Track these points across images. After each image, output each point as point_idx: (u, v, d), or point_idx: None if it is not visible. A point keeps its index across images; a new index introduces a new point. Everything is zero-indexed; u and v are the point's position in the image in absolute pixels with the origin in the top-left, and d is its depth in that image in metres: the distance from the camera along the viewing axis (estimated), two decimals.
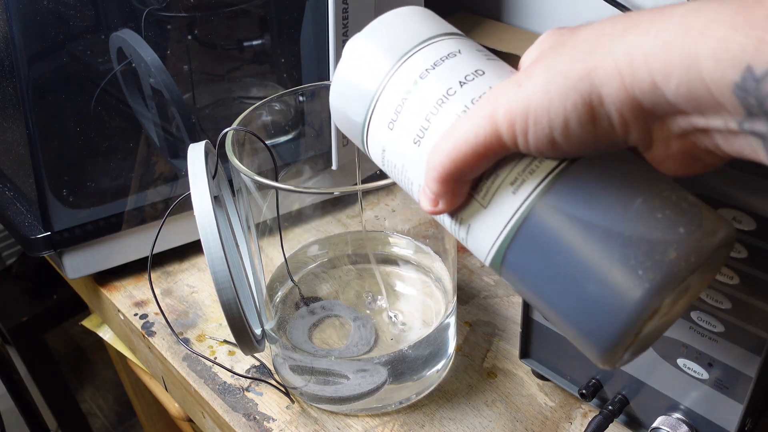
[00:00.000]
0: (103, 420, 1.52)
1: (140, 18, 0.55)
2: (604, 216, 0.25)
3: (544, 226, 0.26)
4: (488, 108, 0.25)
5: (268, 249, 0.50)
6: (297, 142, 0.60)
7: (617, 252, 0.25)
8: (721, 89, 0.20)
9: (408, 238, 0.53)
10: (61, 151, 0.55)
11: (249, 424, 0.47)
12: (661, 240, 0.24)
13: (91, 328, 0.73)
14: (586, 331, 0.26)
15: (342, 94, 0.33)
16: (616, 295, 0.25)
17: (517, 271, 0.28)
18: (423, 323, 0.49)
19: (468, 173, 0.27)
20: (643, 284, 0.24)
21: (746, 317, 0.34)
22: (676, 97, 0.22)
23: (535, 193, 0.26)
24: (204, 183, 0.39)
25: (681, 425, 0.39)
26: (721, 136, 0.22)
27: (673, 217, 0.25)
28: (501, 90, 0.25)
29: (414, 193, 0.31)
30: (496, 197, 0.27)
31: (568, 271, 0.26)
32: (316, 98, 0.54)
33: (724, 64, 0.20)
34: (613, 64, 0.22)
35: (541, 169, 0.26)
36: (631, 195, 0.25)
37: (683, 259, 0.24)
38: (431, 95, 0.29)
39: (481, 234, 0.28)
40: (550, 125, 0.24)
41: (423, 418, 0.47)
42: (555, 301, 0.27)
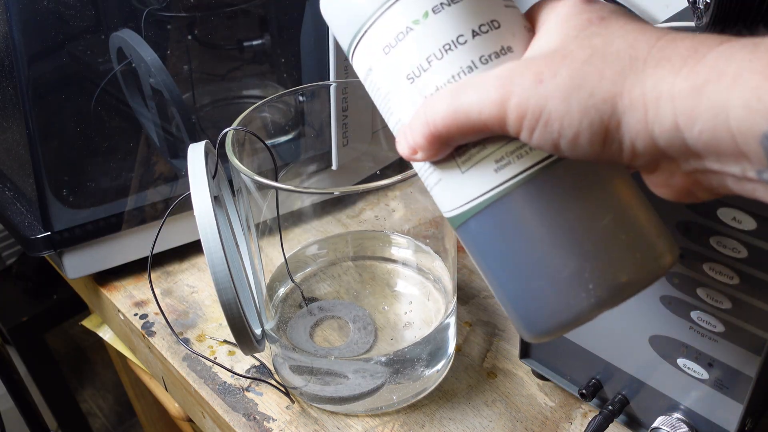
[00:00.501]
0: (103, 420, 1.52)
1: (140, 18, 0.55)
2: (574, 223, 0.26)
3: (515, 212, 0.27)
4: (501, 90, 0.25)
5: (268, 249, 0.50)
6: (297, 142, 0.60)
7: (575, 261, 0.26)
8: (746, 139, 0.20)
9: (408, 238, 0.53)
10: (61, 151, 0.55)
11: (249, 424, 0.47)
12: (616, 261, 0.25)
13: (91, 328, 0.73)
14: (521, 315, 0.27)
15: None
16: (561, 299, 0.26)
17: (474, 239, 0.28)
18: (423, 323, 0.49)
19: (458, 141, 0.27)
20: (589, 299, 0.25)
21: (746, 317, 0.34)
22: (697, 142, 0.21)
23: (518, 178, 0.26)
24: (204, 183, 0.39)
25: (681, 425, 0.39)
26: (734, 180, 0.22)
27: (634, 241, 0.26)
28: (518, 75, 0.24)
29: (391, 124, 0.30)
30: (476, 167, 0.27)
31: (525, 260, 0.27)
32: (316, 98, 0.54)
33: (755, 114, 0.20)
34: (640, 95, 0.22)
35: (530, 157, 0.26)
36: (604, 210, 0.26)
37: (632, 284, 0.26)
38: (439, 37, 0.27)
39: (449, 192, 0.29)
40: (560, 132, 0.24)
41: (423, 418, 0.47)
42: (502, 279, 0.28)
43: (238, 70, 0.66)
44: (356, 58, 0.30)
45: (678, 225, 0.34)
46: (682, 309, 0.36)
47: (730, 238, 0.32)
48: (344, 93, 0.52)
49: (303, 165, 0.60)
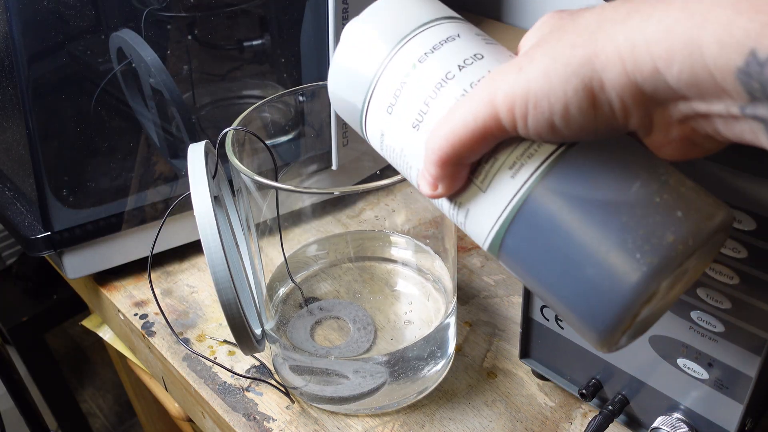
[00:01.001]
0: (103, 420, 1.52)
1: (140, 18, 0.55)
2: (602, 200, 0.25)
3: (542, 210, 0.26)
4: (487, 91, 0.25)
5: (268, 249, 0.50)
6: (297, 142, 0.60)
7: (615, 235, 0.25)
8: (723, 74, 0.20)
9: (408, 238, 0.53)
10: (61, 151, 0.55)
11: (249, 424, 0.47)
12: (658, 224, 0.24)
13: (91, 328, 0.73)
14: (584, 314, 0.26)
15: (341, 79, 0.33)
16: (613, 279, 0.25)
17: (516, 255, 0.28)
18: (423, 323, 0.49)
19: (467, 157, 0.27)
20: (640, 267, 0.24)
21: (746, 317, 0.34)
22: (678, 83, 0.22)
23: (534, 177, 0.26)
24: (204, 183, 0.39)
25: (681, 425, 0.39)
26: (722, 121, 0.22)
27: (671, 201, 0.25)
28: (501, 73, 0.25)
29: (412, 178, 0.31)
30: (494, 181, 0.27)
31: (567, 254, 0.26)
32: (316, 98, 0.54)
33: (727, 48, 0.20)
34: (614, 50, 0.22)
35: (540, 153, 0.26)
36: (629, 179, 0.25)
37: (681, 242, 0.24)
38: (430, 79, 0.29)
39: (479, 218, 0.28)
40: (550, 110, 0.24)
41: (423, 418, 0.47)
42: (553, 285, 0.27)
43: (238, 70, 0.66)
44: (368, 131, 0.32)
45: None
46: (682, 309, 0.36)
47: (730, 238, 0.32)
48: None
49: (303, 165, 0.60)
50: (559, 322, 0.43)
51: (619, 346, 0.27)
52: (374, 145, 0.33)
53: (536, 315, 0.44)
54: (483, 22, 0.94)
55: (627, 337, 0.27)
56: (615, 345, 0.27)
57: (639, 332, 0.28)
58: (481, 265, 0.59)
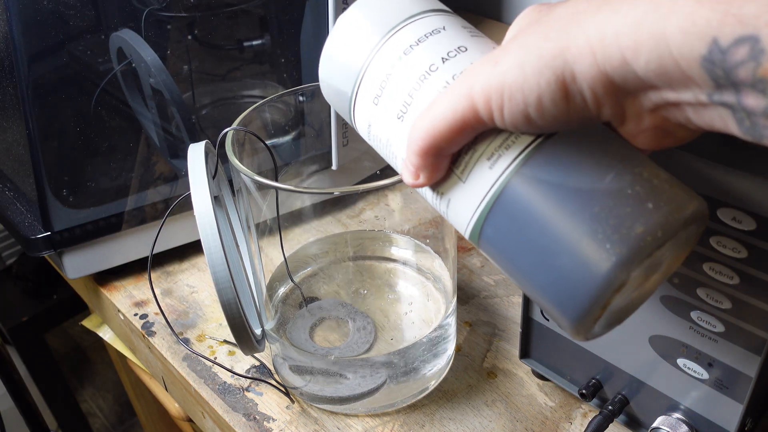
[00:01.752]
0: (103, 420, 1.52)
1: (140, 18, 0.55)
2: (576, 190, 0.26)
3: (518, 200, 0.27)
4: (466, 84, 0.26)
5: (268, 249, 0.50)
6: (297, 142, 0.60)
7: (586, 225, 0.25)
8: (689, 63, 0.21)
9: (408, 238, 0.53)
10: (61, 151, 0.55)
11: (249, 424, 0.47)
12: (629, 215, 0.25)
13: (91, 328, 0.73)
14: (556, 302, 0.27)
15: (330, 68, 0.33)
16: (584, 268, 0.25)
17: (494, 244, 0.29)
18: (423, 323, 0.49)
19: (446, 148, 0.28)
20: (609, 258, 0.25)
21: (746, 317, 0.34)
22: (647, 72, 0.22)
23: (511, 167, 0.27)
24: (204, 183, 0.39)
25: (681, 425, 0.39)
26: (692, 109, 0.23)
27: (642, 193, 0.25)
28: (478, 67, 0.26)
29: (398, 167, 0.32)
30: (473, 172, 0.28)
31: (541, 243, 0.26)
32: (316, 98, 0.54)
33: (691, 37, 0.20)
34: (585, 42, 0.23)
35: (517, 144, 0.27)
36: (603, 170, 0.26)
37: (650, 234, 0.25)
38: (414, 71, 0.30)
39: (460, 208, 0.29)
40: (524, 102, 0.25)
41: (423, 418, 0.47)
42: (529, 273, 0.28)
43: (238, 70, 0.66)
44: (357, 121, 0.33)
45: None
46: (682, 309, 0.36)
47: (730, 238, 0.32)
48: None
49: (303, 165, 0.60)
50: None
51: (594, 334, 0.28)
52: (362, 135, 0.34)
53: (536, 315, 0.44)
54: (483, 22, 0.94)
55: (601, 326, 0.28)
56: (589, 333, 0.27)
57: (616, 321, 0.29)
58: (481, 265, 0.59)
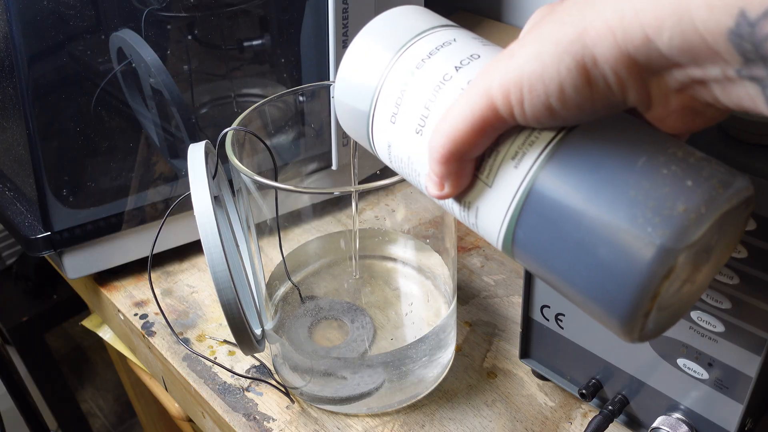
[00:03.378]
0: (103, 420, 1.52)
1: (140, 18, 0.55)
2: (608, 179, 0.25)
3: (548, 197, 0.26)
4: (483, 83, 0.25)
5: (268, 249, 0.50)
6: (297, 142, 0.60)
7: (624, 212, 0.24)
8: (715, 37, 0.20)
9: (408, 237, 0.53)
10: (61, 151, 0.55)
11: (249, 424, 0.47)
12: (668, 194, 0.23)
13: (91, 328, 0.73)
14: (601, 300, 0.25)
15: (345, 94, 0.33)
16: (627, 257, 0.24)
17: (529, 248, 0.27)
18: (423, 323, 0.49)
19: (469, 151, 0.27)
20: (653, 241, 0.23)
21: (746, 317, 0.34)
22: (671, 50, 0.21)
23: (537, 164, 0.26)
24: (204, 183, 0.39)
25: (681, 425, 0.39)
26: (719, 86, 0.22)
27: (679, 171, 0.24)
28: (494, 63, 0.25)
29: (421, 184, 0.31)
30: (499, 174, 0.27)
31: (578, 238, 0.25)
32: (316, 98, 0.54)
33: (716, 11, 0.19)
34: (603, 23, 0.22)
35: (541, 140, 0.26)
36: (634, 155, 0.25)
37: (693, 211, 0.23)
38: (429, 83, 0.29)
39: (489, 215, 0.28)
40: (545, 92, 0.24)
41: (423, 418, 0.47)
42: (568, 274, 0.26)
43: (238, 70, 0.66)
44: (377, 145, 0.33)
45: None
46: None
47: None
48: None
49: (303, 165, 0.60)
50: (559, 322, 0.43)
51: (647, 334, 0.26)
52: (384, 159, 0.33)
53: (536, 315, 0.44)
54: (483, 22, 0.94)
55: (654, 324, 0.26)
56: (641, 331, 0.25)
57: (670, 319, 0.27)
58: (481, 265, 0.59)
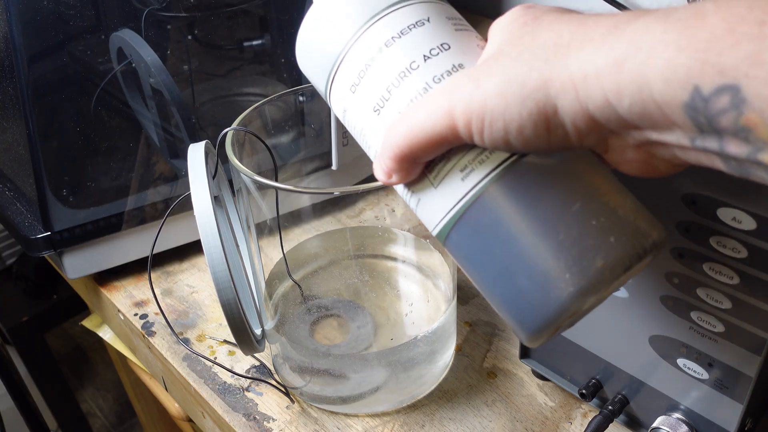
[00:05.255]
0: (103, 420, 1.52)
1: (140, 18, 0.55)
2: (543, 216, 0.26)
3: (485, 216, 0.27)
4: (445, 101, 0.26)
5: (268, 249, 0.50)
6: (297, 142, 0.60)
7: (550, 252, 0.26)
8: (672, 109, 0.21)
9: (408, 236, 0.53)
10: (61, 151, 0.55)
11: (249, 424, 0.47)
12: (591, 247, 0.26)
13: (91, 328, 0.73)
14: (513, 316, 0.28)
15: (308, 48, 0.33)
16: (543, 292, 0.26)
17: (459, 250, 0.29)
18: (423, 322, 0.49)
19: (422, 157, 0.28)
20: (568, 288, 0.26)
21: (746, 317, 0.34)
22: (630, 115, 0.22)
23: (482, 183, 0.27)
24: (204, 183, 0.39)
25: (681, 425, 0.39)
26: (679, 150, 0.23)
27: (607, 225, 0.26)
28: (459, 84, 0.26)
29: (371, 155, 0.32)
30: (446, 180, 0.28)
31: (504, 260, 0.27)
32: (316, 98, 0.54)
33: (673, 84, 0.20)
34: (568, 78, 0.23)
35: (491, 161, 0.27)
36: (571, 198, 0.26)
37: (609, 268, 0.26)
38: (394, 67, 0.29)
39: (429, 209, 0.30)
40: (505, 129, 0.25)
41: (423, 418, 0.47)
42: (489, 284, 0.28)
43: (238, 70, 0.66)
44: (333, 103, 0.33)
45: (678, 225, 0.34)
46: (682, 309, 0.36)
47: (730, 238, 0.32)
48: None
49: (303, 164, 0.60)
50: None
51: (547, 341, 0.29)
52: (337, 115, 0.33)
53: None
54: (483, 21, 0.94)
55: (555, 334, 0.29)
56: (542, 343, 0.28)
57: (569, 326, 0.30)
58: None
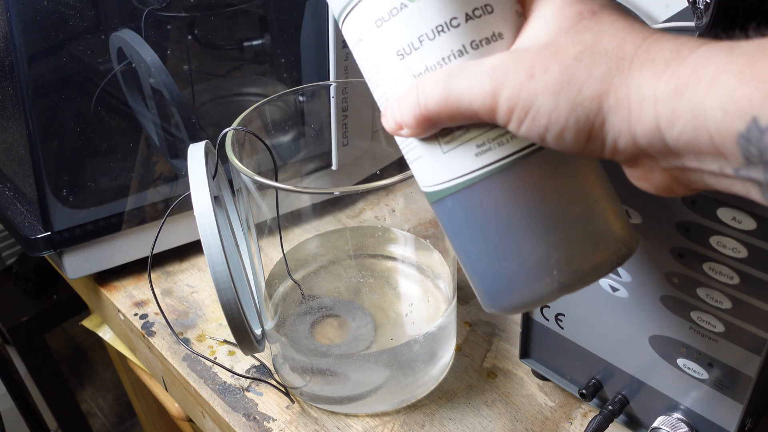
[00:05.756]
0: (103, 420, 1.52)
1: (140, 18, 0.55)
2: (546, 212, 0.27)
3: (491, 197, 0.28)
4: (493, 82, 0.25)
5: (268, 249, 0.50)
6: (297, 142, 0.60)
7: (543, 248, 0.27)
8: (724, 138, 0.21)
9: (408, 236, 0.53)
10: (61, 151, 0.55)
11: (249, 424, 0.47)
12: (582, 251, 0.27)
13: (91, 328, 0.73)
14: (486, 289, 0.29)
15: None
16: (526, 280, 0.27)
17: (450, 217, 0.29)
18: (423, 322, 0.49)
19: (446, 124, 0.28)
20: (552, 284, 0.27)
21: (746, 317, 0.34)
22: (677, 143, 0.22)
23: (496, 165, 0.27)
24: (204, 183, 0.39)
25: (681, 425, 0.39)
26: (713, 177, 0.23)
27: (600, 232, 0.27)
28: (511, 69, 0.25)
29: (376, 95, 0.30)
30: (458, 149, 0.28)
31: (496, 241, 0.28)
32: (316, 98, 0.54)
33: (731, 115, 0.21)
34: (625, 97, 0.23)
35: (511, 145, 0.27)
36: (576, 201, 0.27)
37: (594, 272, 0.27)
38: (433, 17, 0.27)
39: (429, 169, 0.29)
40: (547, 127, 0.25)
41: (423, 418, 0.47)
42: (472, 256, 0.29)
43: (238, 70, 0.66)
44: (347, 26, 0.30)
45: (678, 225, 0.34)
46: (682, 309, 0.36)
47: (730, 238, 0.32)
48: (344, 93, 0.52)
49: (303, 164, 0.60)
50: (559, 322, 0.43)
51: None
52: (347, 39, 0.31)
53: (536, 315, 0.44)
54: None
55: None
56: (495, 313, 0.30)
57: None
58: None
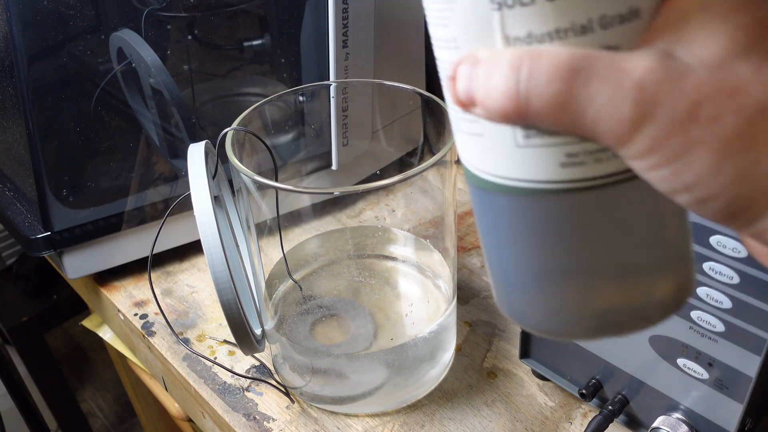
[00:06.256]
0: (103, 420, 1.52)
1: (140, 18, 0.55)
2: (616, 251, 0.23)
3: (560, 214, 0.22)
4: (638, 108, 0.18)
5: (268, 249, 0.50)
6: (297, 142, 0.60)
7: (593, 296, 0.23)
8: None
9: (408, 235, 0.53)
10: (61, 151, 0.55)
11: (249, 424, 0.47)
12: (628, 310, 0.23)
13: (91, 328, 0.73)
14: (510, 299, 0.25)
15: None
16: (552, 312, 0.24)
17: (496, 212, 0.24)
18: (423, 322, 0.49)
19: (544, 127, 0.21)
20: (581, 330, 0.24)
21: (746, 317, 0.34)
22: None
23: (587, 184, 0.22)
24: (204, 183, 0.39)
25: (681, 425, 0.39)
26: None
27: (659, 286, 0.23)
28: (666, 96, 0.18)
29: (438, 35, 0.23)
30: (540, 151, 0.22)
31: (536, 257, 0.23)
32: (316, 98, 0.54)
33: None
34: None
35: (607, 165, 0.21)
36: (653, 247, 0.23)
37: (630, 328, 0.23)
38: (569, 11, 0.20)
39: (490, 155, 0.23)
40: (689, 187, 0.18)
41: (423, 418, 0.47)
42: (501, 256, 0.25)
43: (238, 70, 0.66)
44: None
45: None
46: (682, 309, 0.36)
47: (730, 239, 0.32)
48: (344, 93, 0.52)
49: (303, 164, 0.60)
50: None
51: None
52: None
53: None
54: None
55: None
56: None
57: None
58: (481, 265, 0.59)
